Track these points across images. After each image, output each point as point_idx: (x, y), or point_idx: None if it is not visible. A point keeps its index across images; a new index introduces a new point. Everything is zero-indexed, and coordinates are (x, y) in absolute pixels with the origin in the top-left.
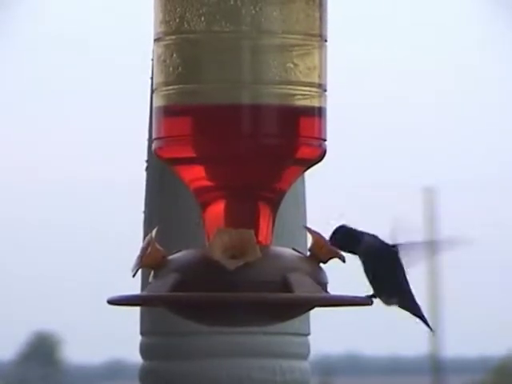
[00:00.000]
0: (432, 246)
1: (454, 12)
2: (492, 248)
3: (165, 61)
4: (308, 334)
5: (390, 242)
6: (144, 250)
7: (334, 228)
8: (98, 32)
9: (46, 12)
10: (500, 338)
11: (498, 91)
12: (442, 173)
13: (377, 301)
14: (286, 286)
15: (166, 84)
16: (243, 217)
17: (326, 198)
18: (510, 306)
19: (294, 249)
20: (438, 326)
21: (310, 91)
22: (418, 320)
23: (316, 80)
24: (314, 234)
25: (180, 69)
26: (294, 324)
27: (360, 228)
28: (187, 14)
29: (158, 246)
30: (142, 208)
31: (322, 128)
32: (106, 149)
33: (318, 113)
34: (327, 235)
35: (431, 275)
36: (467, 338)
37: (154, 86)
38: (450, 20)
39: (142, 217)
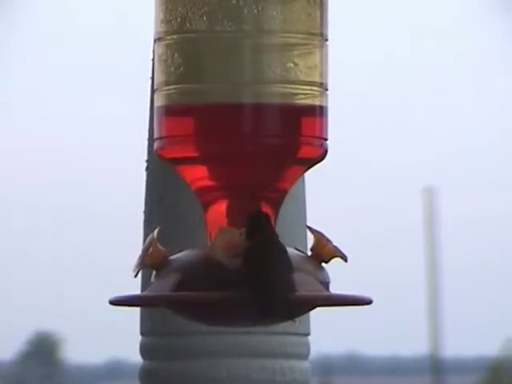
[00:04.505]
0: (432, 247)
1: (455, 13)
2: (492, 248)
3: (166, 60)
4: (308, 334)
5: None
6: (146, 249)
7: None
8: (98, 32)
9: (46, 12)
10: (500, 338)
11: (499, 91)
12: (442, 173)
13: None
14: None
15: (168, 84)
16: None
17: (326, 197)
18: (510, 305)
19: (296, 248)
20: (438, 326)
21: (311, 90)
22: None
23: (317, 79)
24: (316, 233)
25: (181, 68)
26: (294, 324)
27: None
28: (189, 14)
29: (159, 246)
30: (142, 208)
31: (323, 127)
32: (105, 148)
33: (320, 112)
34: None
35: (431, 275)
36: (467, 338)
37: (156, 86)
38: (452, 21)
39: (142, 217)
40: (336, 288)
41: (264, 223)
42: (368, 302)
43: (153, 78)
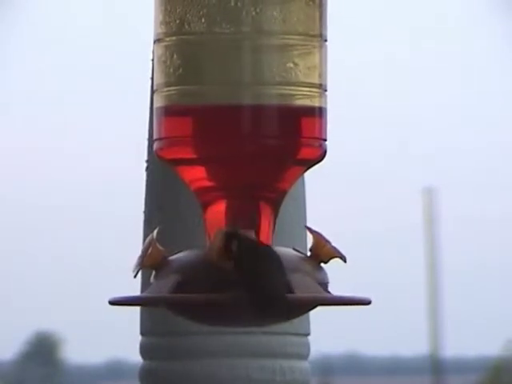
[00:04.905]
0: (432, 247)
1: (455, 13)
2: (492, 248)
3: (165, 62)
4: (308, 334)
5: None
6: (145, 250)
7: None
8: (98, 32)
9: (46, 12)
10: (500, 338)
11: (499, 91)
12: (442, 173)
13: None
14: (287, 286)
15: (167, 85)
16: (244, 217)
17: (327, 198)
18: (510, 306)
19: (294, 249)
20: (438, 326)
21: (310, 91)
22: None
23: (316, 80)
24: (315, 233)
25: (180, 70)
26: (293, 324)
27: None
28: (187, 15)
29: (159, 247)
30: (142, 208)
31: (322, 128)
32: (106, 149)
33: (319, 113)
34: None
35: (431, 275)
36: (467, 338)
37: (155, 87)
38: (452, 21)
39: (142, 217)
40: (335, 288)
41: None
42: (367, 302)
43: (152, 79)
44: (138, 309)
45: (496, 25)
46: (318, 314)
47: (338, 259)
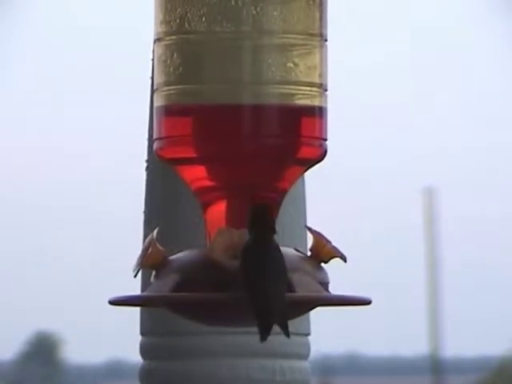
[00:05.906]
0: (432, 247)
1: (456, 13)
2: (492, 248)
3: (165, 61)
4: (308, 334)
5: None
6: (145, 250)
7: None
8: (98, 32)
9: (46, 12)
10: (499, 338)
11: (499, 91)
12: (442, 173)
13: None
14: (288, 286)
15: (167, 84)
16: (244, 217)
17: (326, 198)
18: (510, 306)
19: (295, 248)
20: (438, 326)
21: (310, 91)
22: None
23: (316, 80)
24: (315, 233)
25: (181, 69)
26: (293, 324)
27: None
28: (188, 14)
29: (159, 246)
30: (142, 208)
31: (322, 128)
32: (105, 149)
33: (319, 112)
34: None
35: (431, 275)
36: (467, 338)
37: (155, 86)
38: (452, 21)
39: (142, 217)
40: (336, 288)
41: (264, 217)
42: (367, 302)
43: (153, 78)
44: (137, 309)
45: (496, 25)
46: (318, 314)
47: (338, 259)
